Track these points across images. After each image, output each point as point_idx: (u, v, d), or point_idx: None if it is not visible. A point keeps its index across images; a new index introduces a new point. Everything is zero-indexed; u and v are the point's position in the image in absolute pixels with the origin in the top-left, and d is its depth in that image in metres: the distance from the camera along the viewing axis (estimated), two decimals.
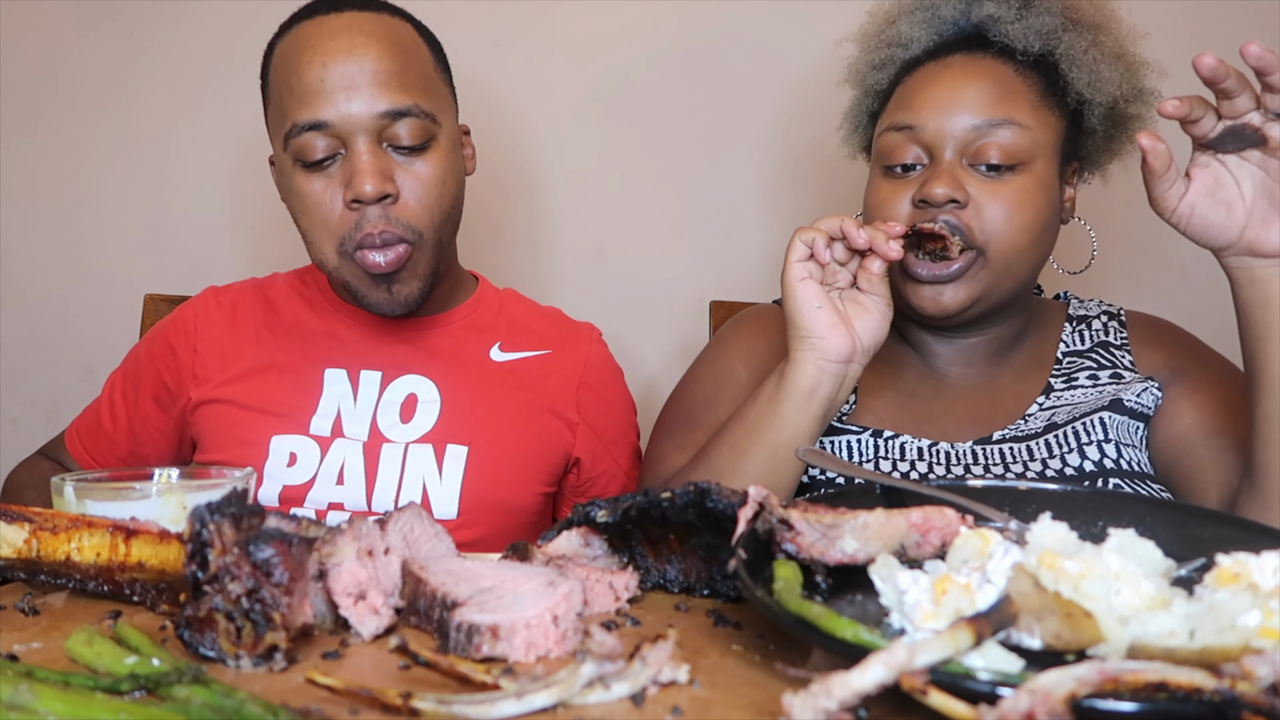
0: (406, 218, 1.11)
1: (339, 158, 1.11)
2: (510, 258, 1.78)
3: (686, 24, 1.76)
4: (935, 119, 1.07)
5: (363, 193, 1.07)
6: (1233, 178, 0.89)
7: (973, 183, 1.06)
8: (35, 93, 1.76)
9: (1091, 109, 1.13)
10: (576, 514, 0.74)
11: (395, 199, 1.10)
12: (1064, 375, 1.15)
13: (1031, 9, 1.11)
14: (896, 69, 1.16)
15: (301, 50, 1.11)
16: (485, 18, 1.74)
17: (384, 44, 1.11)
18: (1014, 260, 1.07)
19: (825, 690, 0.45)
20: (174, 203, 1.77)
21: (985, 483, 0.79)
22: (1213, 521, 0.72)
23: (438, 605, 0.61)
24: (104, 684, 0.52)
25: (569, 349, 1.30)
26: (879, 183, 1.12)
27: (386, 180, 1.09)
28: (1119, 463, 1.05)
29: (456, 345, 1.26)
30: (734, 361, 1.24)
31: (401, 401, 1.21)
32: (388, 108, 1.09)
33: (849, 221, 0.99)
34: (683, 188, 1.79)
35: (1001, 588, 0.56)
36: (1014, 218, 1.05)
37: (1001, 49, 1.10)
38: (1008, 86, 1.08)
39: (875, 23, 1.20)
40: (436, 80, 1.17)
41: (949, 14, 1.14)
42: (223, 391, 1.21)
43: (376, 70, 1.09)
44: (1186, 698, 0.44)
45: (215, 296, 1.30)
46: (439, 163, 1.13)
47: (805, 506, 0.67)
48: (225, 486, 0.73)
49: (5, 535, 0.68)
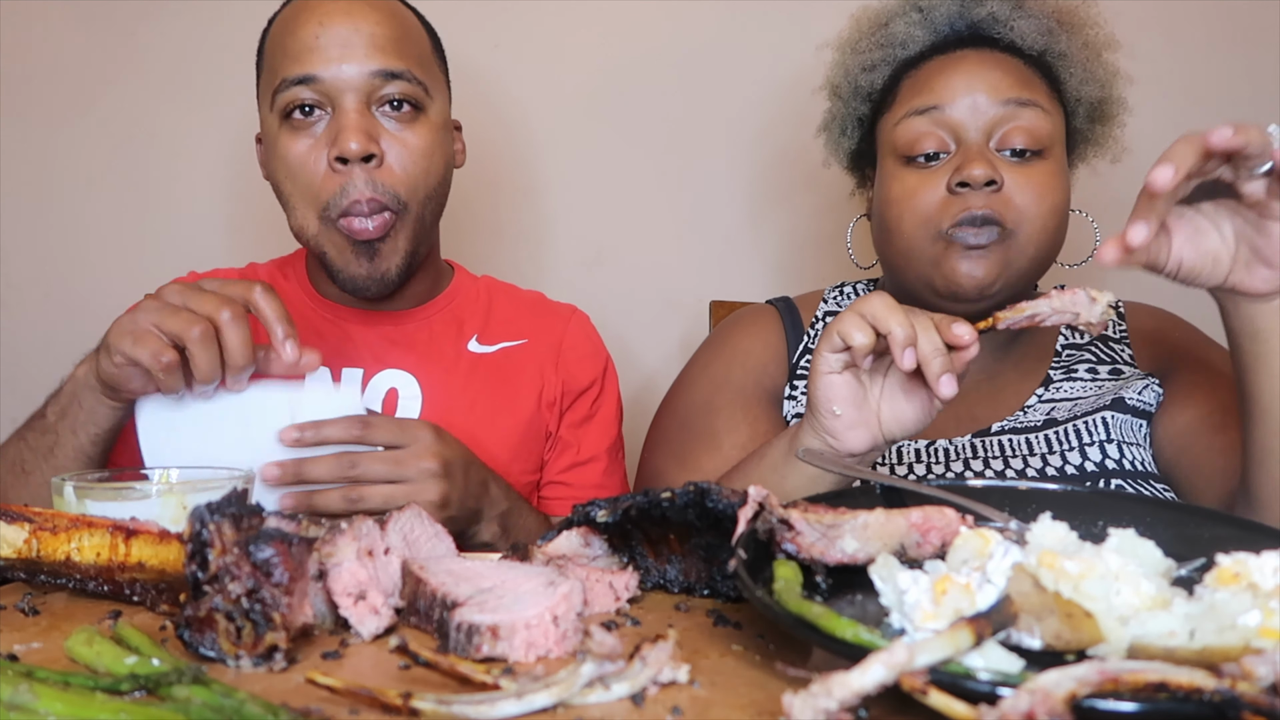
0: (391, 183, 1.09)
1: (325, 118, 1.09)
2: (510, 258, 1.78)
3: (687, 24, 1.76)
4: (961, 99, 1.07)
5: (347, 149, 1.06)
6: (1211, 224, 0.85)
7: (1002, 167, 1.06)
8: (35, 92, 1.76)
9: (1080, 107, 1.14)
10: (576, 514, 0.74)
11: (380, 162, 1.09)
12: (1063, 367, 1.15)
13: (1025, 8, 1.12)
14: (893, 69, 1.16)
15: (299, 13, 1.11)
16: (485, 18, 1.74)
17: (383, 11, 1.11)
18: (1042, 242, 1.07)
19: (825, 690, 0.45)
20: (174, 202, 1.77)
21: (985, 483, 0.79)
22: (1213, 521, 0.72)
23: (438, 605, 0.61)
24: (104, 684, 0.52)
25: (546, 333, 1.29)
26: (901, 174, 1.10)
27: (372, 140, 1.07)
28: (1121, 463, 1.04)
29: (435, 338, 1.25)
30: (729, 364, 1.23)
31: (383, 397, 1.20)
32: (381, 67, 1.08)
33: (896, 334, 0.82)
34: (683, 187, 1.79)
35: (1001, 588, 0.56)
36: (1044, 201, 1.06)
37: (1006, 45, 1.11)
38: (1024, 74, 1.10)
39: (863, 26, 1.20)
40: (431, 61, 1.18)
41: (945, 14, 1.14)
42: None
43: (373, 33, 1.09)
44: (1186, 698, 0.44)
45: None
46: (427, 135, 1.12)
47: (805, 506, 0.67)
48: (225, 487, 0.73)
49: (5, 535, 0.68)
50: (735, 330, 1.27)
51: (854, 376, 0.88)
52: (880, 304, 0.83)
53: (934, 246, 1.07)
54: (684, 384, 1.26)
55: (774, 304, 1.30)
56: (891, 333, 0.81)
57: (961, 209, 1.04)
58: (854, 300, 0.85)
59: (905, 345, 0.81)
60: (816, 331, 1.24)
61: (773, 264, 1.80)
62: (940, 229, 1.06)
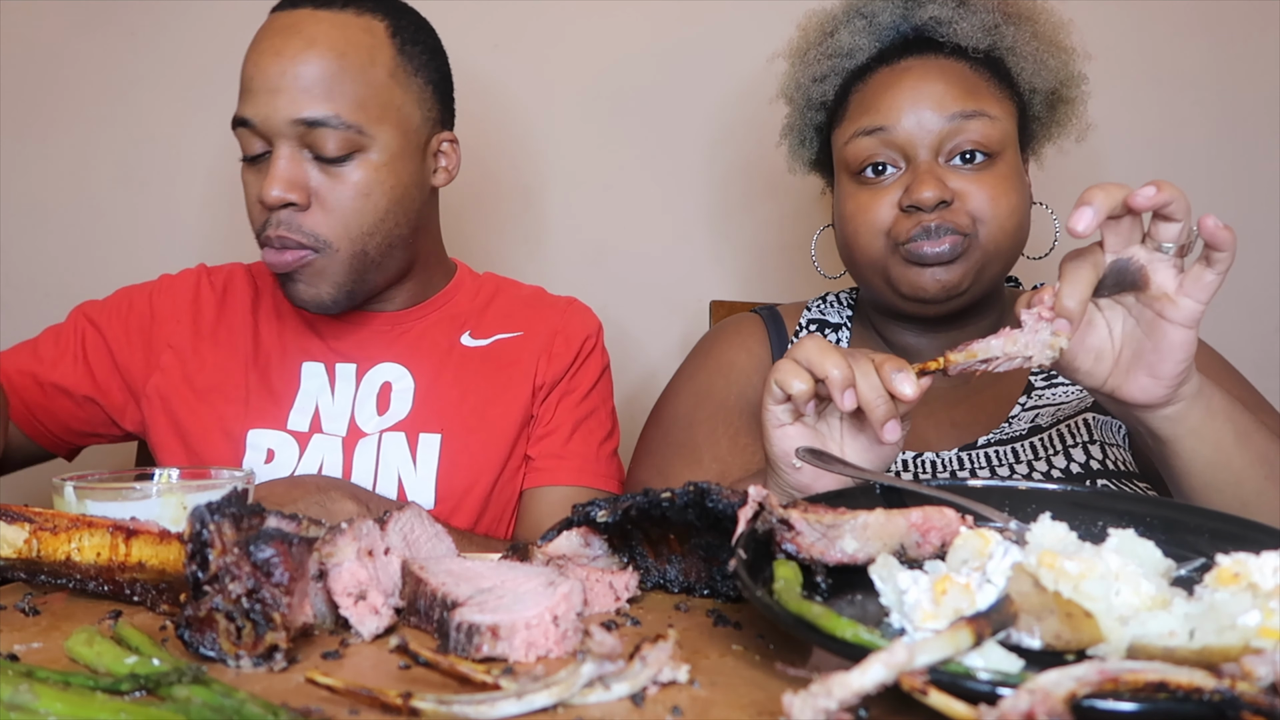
0: (312, 226, 1.09)
1: (268, 154, 1.10)
2: (510, 257, 1.78)
3: (686, 24, 1.76)
4: (906, 118, 1.07)
5: (267, 197, 1.07)
6: (1104, 320, 0.84)
7: (953, 178, 1.06)
8: (36, 93, 1.76)
9: (1035, 97, 1.14)
10: (576, 514, 0.74)
11: (305, 207, 1.09)
12: (1044, 373, 1.15)
13: (968, 6, 1.11)
14: (842, 79, 1.16)
15: (254, 41, 1.11)
16: (485, 18, 1.74)
17: (319, 48, 1.08)
18: (1003, 243, 1.08)
19: (825, 690, 0.45)
20: (174, 203, 1.77)
21: (985, 483, 0.79)
22: (1213, 521, 0.72)
23: (438, 605, 0.61)
24: (104, 684, 0.52)
25: (542, 324, 1.28)
26: (853, 191, 1.11)
27: (293, 188, 1.07)
28: (1105, 464, 1.04)
29: (430, 332, 1.25)
30: (711, 376, 1.23)
31: (377, 391, 1.20)
32: (302, 115, 1.06)
33: (833, 377, 0.79)
34: (683, 187, 1.79)
35: (1001, 588, 0.56)
36: (1000, 203, 1.06)
37: (952, 49, 1.11)
38: (969, 81, 1.09)
39: (810, 36, 1.19)
40: (385, 90, 1.12)
41: (888, 20, 1.14)
42: (198, 375, 1.20)
43: (299, 74, 1.07)
44: (1186, 698, 0.44)
45: (207, 274, 1.29)
46: (364, 175, 1.10)
47: (805, 506, 0.67)
48: (225, 486, 0.73)
49: (5, 535, 0.68)
50: (719, 341, 1.27)
51: (805, 426, 0.86)
52: (814, 347, 0.81)
53: (892, 258, 1.08)
54: (668, 396, 1.26)
55: (759, 313, 1.30)
56: (828, 375, 0.79)
57: (915, 224, 1.05)
58: (800, 338, 0.84)
59: (844, 387, 0.79)
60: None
61: (773, 264, 1.80)
62: (896, 242, 1.07)
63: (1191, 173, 1.73)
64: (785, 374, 0.82)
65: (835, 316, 1.27)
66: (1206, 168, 1.75)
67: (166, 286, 1.27)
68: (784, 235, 1.79)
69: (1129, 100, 1.71)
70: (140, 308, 1.24)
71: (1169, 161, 1.75)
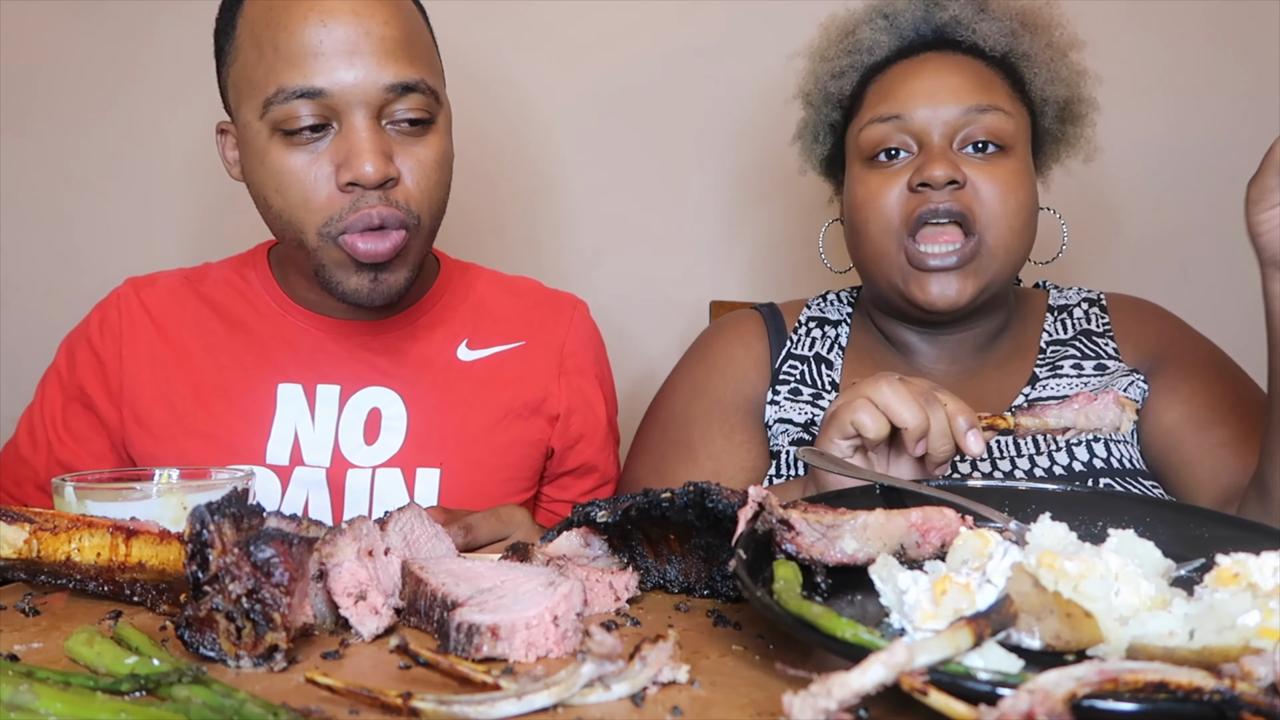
0: (406, 201, 0.99)
1: (329, 133, 0.97)
2: (510, 258, 1.78)
3: (686, 24, 1.76)
4: (922, 107, 1.08)
5: (364, 175, 0.94)
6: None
7: (965, 165, 1.07)
8: (34, 92, 1.76)
9: (1047, 108, 1.15)
10: (576, 514, 0.74)
11: (396, 183, 0.98)
12: (1048, 364, 1.15)
13: (988, 11, 1.13)
14: (860, 74, 1.17)
15: (291, 2, 0.96)
16: (485, 17, 1.74)
17: (390, 7, 0.98)
18: (1011, 243, 1.08)
19: (825, 690, 0.45)
20: (173, 202, 1.77)
21: (985, 483, 0.79)
22: (1213, 521, 0.72)
23: (438, 605, 0.61)
24: (104, 684, 0.52)
25: (544, 334, 1.18)
26: (864, 175, 1.12)
27: (389, 162, 0.97)
28: (1109, 461, 1.04)
29: (420, 345, 1.13)
30: (709, 372, 1.23)
31: (364, 419, 1.09)
32: (395, 80, 0.96)
33: (911, 429, 0.82)
34: (683, 187, 1.79)
35: (1001, 588, 0.56)
36: (1009, 199, 1.07)
37: (969, 48, 1.12)
38: (986, 78, 1.11)
39: (830, 35, 1.21)
40: (435, 56, 1.06)
41: (909, 20, 1.15)
42: (159, 411, 1.08)
43: (384, 36, 0.95)
44: (1186, 698, 0.44)
45: (136, 292, 1.13)
46: (440, 145, 1.02)
47: (805, 507, 0.67)
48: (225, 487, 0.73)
49: (6, 535, 0.68)
50: (718, 337, 1.27)
51: (860, 454, 0.88)
52: (891, 394, 0.82)
53: (899, 255, 1.08)
54: (665, 393, 1.26)
55: (758, 309, 1.30)
56: (906, 426, 0.82)
57: (922, 203, 1.05)
58: (858, 384, 0.86)
59: (919, 438, 0.82)
60: (799, 336, 1.24)
61: (773, 264, 1.80)
62: (906, 233, 1.07)
63: (1192, 173, 1.73)
64: (862, 415, 0.83)
65: (835, 314, 1.27)
66: (1207, 167, 1.75)
67: (106, 327, 1.12)
68: (785, 236, 1.79)
69: (1129, 100, 1.71)
70: (86, 359, 1.12)
71: (1170, 161, 1.75)
